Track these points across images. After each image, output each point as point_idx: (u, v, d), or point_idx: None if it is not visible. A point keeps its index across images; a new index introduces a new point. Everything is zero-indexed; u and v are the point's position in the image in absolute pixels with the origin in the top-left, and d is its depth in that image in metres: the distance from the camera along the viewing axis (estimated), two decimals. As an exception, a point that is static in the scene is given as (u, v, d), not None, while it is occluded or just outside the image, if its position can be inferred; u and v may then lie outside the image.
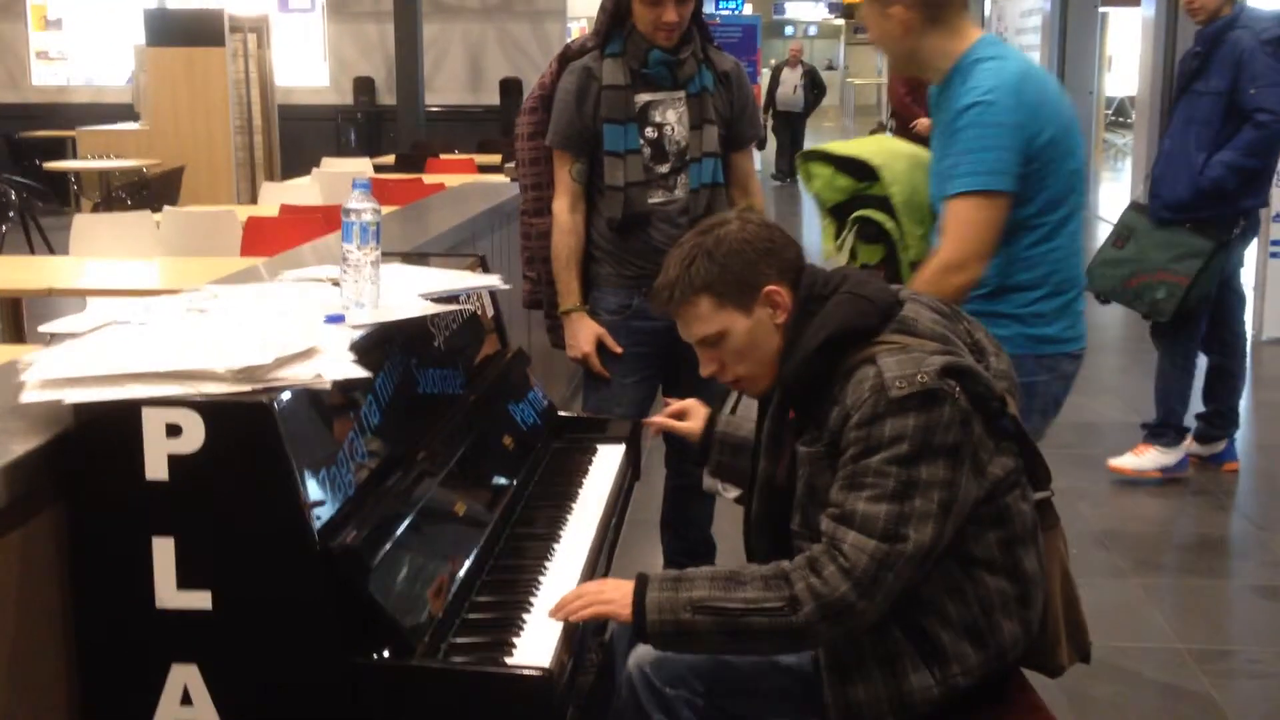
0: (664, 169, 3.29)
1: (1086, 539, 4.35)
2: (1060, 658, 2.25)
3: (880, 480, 1.94)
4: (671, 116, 3.29)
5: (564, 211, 3.33)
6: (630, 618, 2.03)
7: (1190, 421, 5.20)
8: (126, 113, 13.68)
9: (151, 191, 9.47)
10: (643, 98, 3.27)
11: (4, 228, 9.37)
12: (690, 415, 2.54)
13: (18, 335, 5.03)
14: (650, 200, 3.27)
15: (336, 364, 1.92)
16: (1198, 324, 5.07)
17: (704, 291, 2.11)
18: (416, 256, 3.00)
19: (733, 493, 2.52)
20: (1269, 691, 3.44)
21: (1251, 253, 7.98)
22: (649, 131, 3.27)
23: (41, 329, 2.29)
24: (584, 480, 2.75)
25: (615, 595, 2.06)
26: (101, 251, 5.85)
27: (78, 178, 11.91)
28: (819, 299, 2.11)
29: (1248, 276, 8.20)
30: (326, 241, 4.19)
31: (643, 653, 2.24)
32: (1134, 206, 5.13)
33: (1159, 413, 5.09)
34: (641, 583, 2.04)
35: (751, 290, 2.12)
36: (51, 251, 9.39)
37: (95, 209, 9.11)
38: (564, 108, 3.30)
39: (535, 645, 1.96)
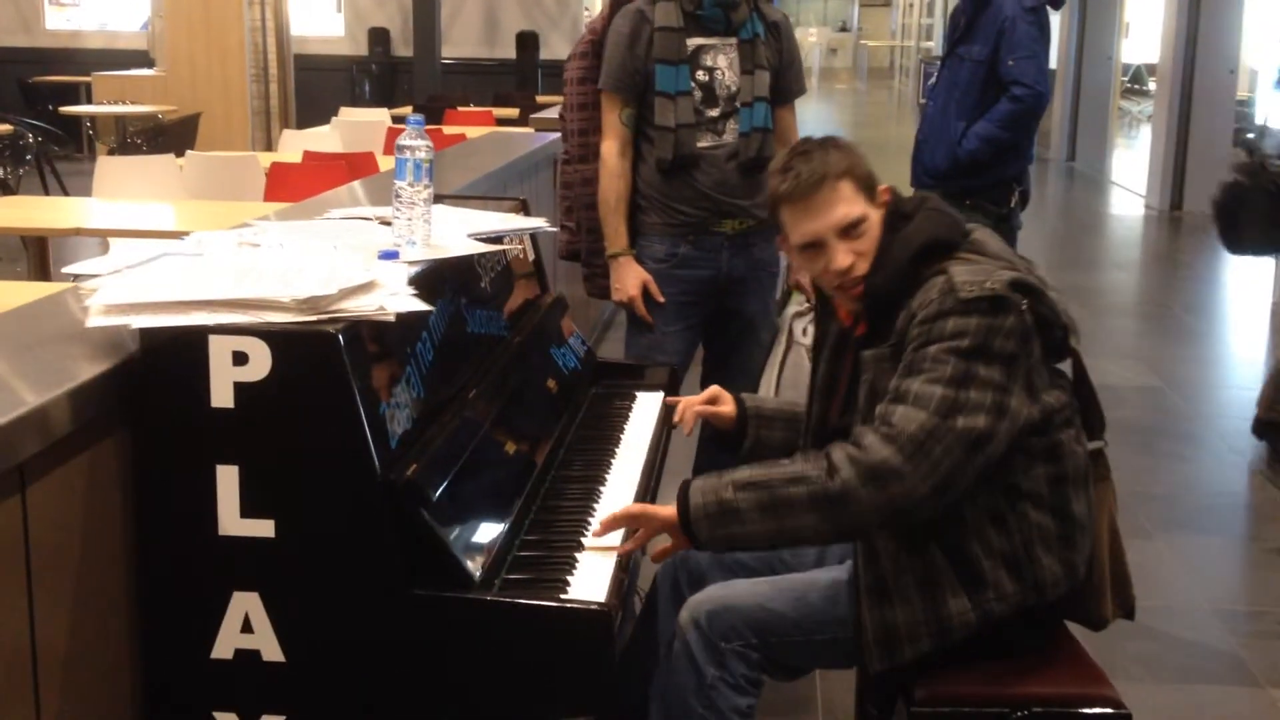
0: (714, 113, 3.28)
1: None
2: (1104, 610, 2.27)
3: (938, 366, 1.99)
4: (722, 62, 3.28)
5: (613, 155, 3.32)
6: (674, 514, 2.06)
7: None
8: (140, 59, 13.61)
9: (167, 138, 9.44)
10: (695, 41, 3.27)
11: (21, 171, 9.34)
12: (721, 401, 2.54)
13: (43, 274, 5.03)
14: (699, 144, 3.26)
15: (397, 297, 1.92)
16: None
17: (847, 175, 2.16)
18: (459, 198, 2.99)
19: None
20: (1296, 652, 3.46)
21: (1273, 220, 7.99)
22: (700, 75, 3.27)
23: (65, 270, 2.28)
24: (625, 426, 2.75)
25: (658, 506, 2.12)
26: (124, 194, 5.84)
27: (93, 123, 11.86)
28: (904, 216, 2.17)
29: None
30: (340, 193, 4.17)
31: (696, 605, 2.24)
32: (914, 181, 5.06)
33: None
34: (686, 480, 2.10)
35: (875, 183, 2.20)
36: (66, 195, 9.37)
37: (110, 154, 9.08)
38: (616, 50, 3.29)
39: (588, 583, 1.97)
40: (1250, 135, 6.07)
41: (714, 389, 2.57)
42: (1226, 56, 11.18)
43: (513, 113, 10.74)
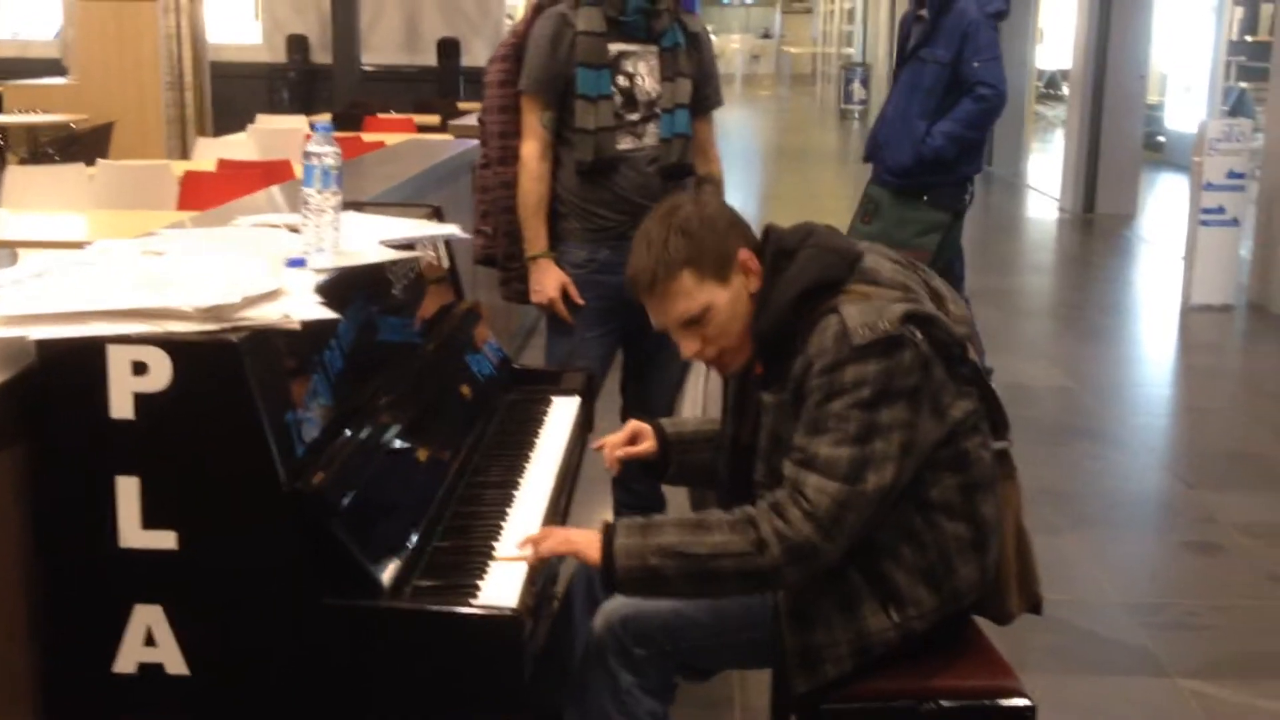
0: (634, 117, 3.30)
1: (1024, 497, 4.42)
2: (1010, 606, 2.30)
3: (842, 424, 1.98)
4: (643, 69, 3.30)
5: (533, 158, 3.32)
6: (598, 560, 2.05)
7: None
8: (53, 67, 13.36)
9: (80, 147, 9.26)
10: (616, 47, 3.29)
11: (-73, 181, 9.11)
12: (640, 436, 2.50)
13: (-51, 287, 4.91)
14: (619, 146, 3.28)
15: (303, 306, 1.91)
16: (957, 281, 5.22)
17: (685, 266, 2.12)
18: (371, 205, 2.97)
19: None
20: (1204, 642, 3.54)
21: (1182, 221, 8.17)
22: (621, 80, 3.29)
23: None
24: (540, 431, 2.75)
25: (582, 540, 2.08)
26: (34, 204, 5.72)
27: (4, 133, 11.61)
28: (787, 254, 2.15)
29: (1175, 245, 8.41)
30: (258, 197, 4.13)
31: (610, 612, 2.24)
32: (876, 180, 5.19)
33: None
34: (609, 530, 2.06)
35: (728, 260, 2.15)
36: (-25, 206, 9.17)
37: (22, 164, 8.89)
38: (538, 52, 3.29)
39: (499, 588, 1.97)
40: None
41: (632, 425, 2.53)
42: (1136, 62, 11.42)
43: (434, 119, 10.67)
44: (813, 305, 2.08)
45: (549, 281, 3.34)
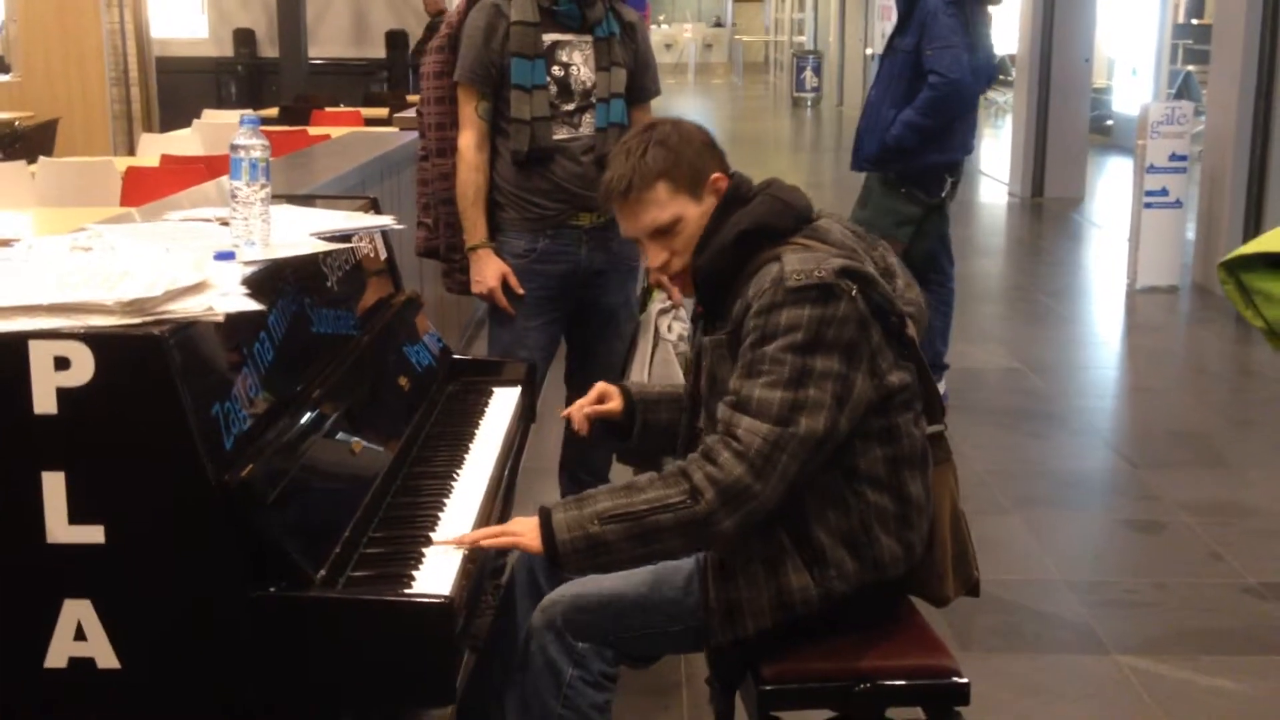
0: (569, 107, 3.31)
1: (970, 477, 4.46)
2: (946, 589, 2.33)
3: (776, 367, 2.02)
4: (577, 58, 3.31)
5: (470, 149, 3.32)
6: (539, 547, 2.06)
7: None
8: (-5, 64, 13.19)
9: (25, 144, 9.15)
10: (550, 37, 3.29)
11: None
12: (607, 397, 2.53)
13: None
14: (555, 136, 3.28)
15: (228, 298, 1.90)
16: (940, 270, 5.34)
17: (661, 177, 2.19)
18: (306, 199, 2.96)
19: None
20: (1143, 619, 3.59)
21: (1126, 203, 8.26)
22: (555, 70, 3.29)
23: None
24: (480, 421, 2.76)
25: (521, 528, 2.10)
26: (-26, 203, 5.65)
27: (-55, 131, 11.45)
28: (742, 200, 2.20)
29: (1123, 227, 8.49)
30: (206, 188, 4.10)
31: (550, 606, 2.25)
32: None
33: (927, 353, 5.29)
34: (546, 511, 2.09)
35: (701, 177, 2.22)
36: (-82, 206, 9.04)
37: (-36, 162, 8.76)
38: (472, 43, 3.29)
39: (434, 577, 1.98)
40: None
41: (600, 386, 2.55)
42: (1081, 46, 11.51)
43: (382, 112, 10.60)
44: (753, 250, 2.13)
45: (489, 271, 3.34)
